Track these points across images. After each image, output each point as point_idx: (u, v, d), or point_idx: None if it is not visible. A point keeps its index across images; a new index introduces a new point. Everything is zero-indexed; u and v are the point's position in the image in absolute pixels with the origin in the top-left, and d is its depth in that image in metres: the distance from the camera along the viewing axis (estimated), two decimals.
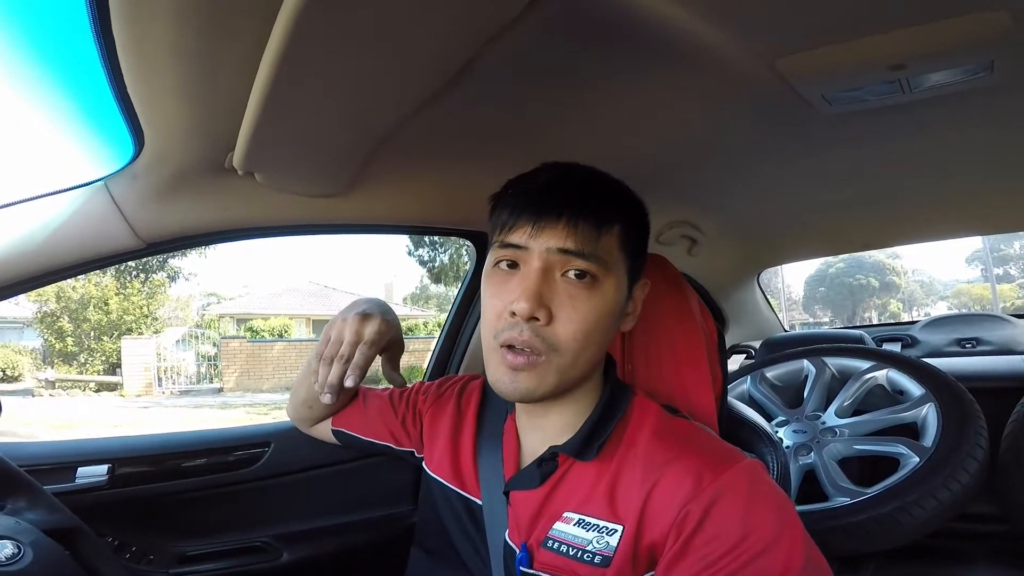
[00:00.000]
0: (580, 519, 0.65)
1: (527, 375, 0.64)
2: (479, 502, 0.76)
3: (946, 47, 0.79)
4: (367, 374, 0.81)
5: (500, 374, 0.66)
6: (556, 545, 0.65)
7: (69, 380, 11.93)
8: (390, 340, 0.83)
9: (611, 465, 0.66)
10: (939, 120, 1.07)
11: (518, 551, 0.67)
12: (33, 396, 10.87)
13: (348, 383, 0.77)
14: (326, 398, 0.78)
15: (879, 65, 0.83)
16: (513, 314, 0.63)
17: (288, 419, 1.06)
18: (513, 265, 0.66)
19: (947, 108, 1.00)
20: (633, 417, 0.70)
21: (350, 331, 0.79)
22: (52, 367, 12.39)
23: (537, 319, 0.62)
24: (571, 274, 0.63)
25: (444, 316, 1.66)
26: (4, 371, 11.63)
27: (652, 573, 0.61)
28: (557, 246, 0.63)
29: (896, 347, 2.10)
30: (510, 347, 0.64)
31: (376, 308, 0.84)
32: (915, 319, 2.41)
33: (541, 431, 0.73)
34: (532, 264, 0.64)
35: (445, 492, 0.81)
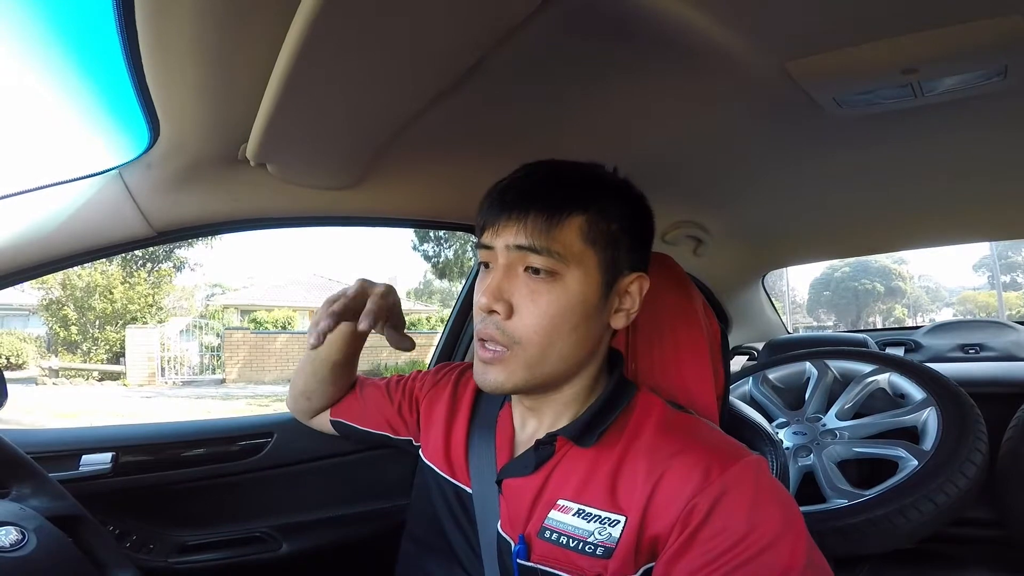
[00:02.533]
0: (579, 509, 0.65)
1: (495, 369, 0.66)
2: (469, 490, 0.76)
3: (959, 51, 0.79)
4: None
5: (476, 366, 0.69)
6: (555, 536, 0.65)
7: (72, 369, 11.98)
8: (392, 309, 0.84)
9: (612, 455, 0.66)
10: (950, 124, 1.07)
11: (514, 543, 0.67)
12: (36, 384, 10.92)
13: (362, 326, 0.77)
14: (318, 333, 0.76)
15: (891, 68, 0.84)
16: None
17: None
18: (488, 265, 0.69)
19: (959, 112, 1.00)
20: (637, 409, 0.70)
21: (354, 287, 0.82)
22: (56, 355, 12.44)
23: (497, 312, 0.65)
24: (530, 270, 0.65)
25: (447, 312, 1.67)
26: (9, 359, 11.69)
27: (652, 565, 0.61)
28: (513, 243, 0.65)
29: (899, 351, 2.10)
30: (482, 341, 0.67)
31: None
32: (919, 325, 2.40)
33: (538, 420, 0.74)
34: (498, 262, 0.66)
35: (437, 480, 0.81)
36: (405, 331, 0.89)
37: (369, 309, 0.78)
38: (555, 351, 0.66)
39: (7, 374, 0.86)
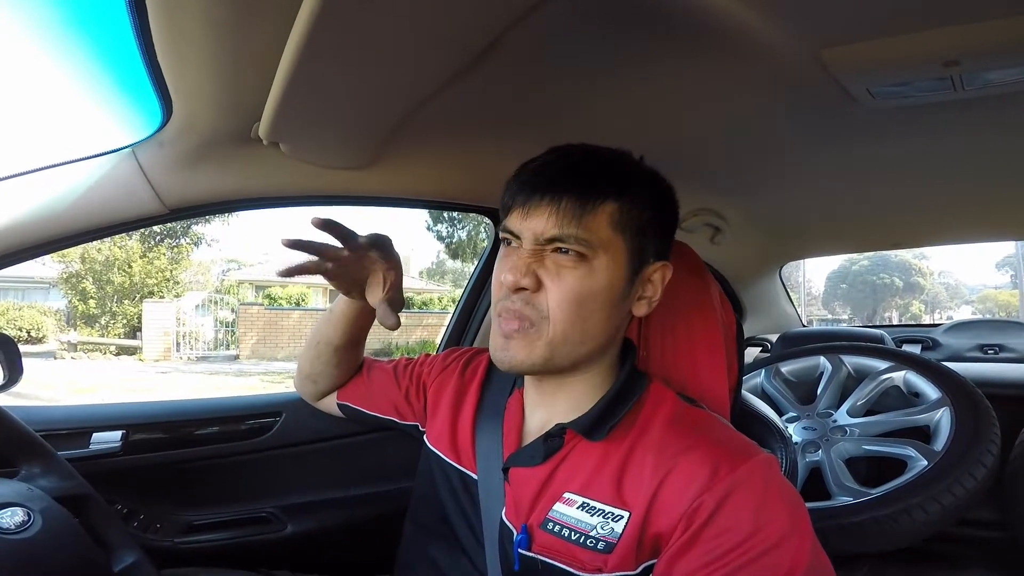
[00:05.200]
0: (584, 502, 0.64)
1: (517, 344, 0.65)
2: (474, 476, 0.76)
3: (1005, 46, 0.77)
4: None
5: (495, 341, 0.68)
6: (558, 528, 0.64)
7: (90, 343, 12.16)
8: (388, 272, 0.87)
9: (620, 449, 0.66)
10: (988, 119, 1.04)
11: (516, 533, 0.67)
12: (55, 358, 11.09)
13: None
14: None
15: (932, 61, 0.81)
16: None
17: None
18: (511, 243, 0.68)
19: (998, 108, 0.97)
20: (648, 402, 0.69)
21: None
22: (75, 329, 12.64)
23: (525, 288, 0.64)
24: (559, 249, 0.65)
25: (459, 292, 1.67)
26: (29, 332, 11.89)
27: (653, 561, 0.60)
28: (544, 235, 0.64)
29: (916, 349, 2.07)
30: (503, 316, 0.67)
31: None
32: (937, 322, 2.37)
33: (548, 408, 0.73)
34: (525, 246, 0.66)
35: (443, 466, 0.81)
36: (402, 280, 0.91)
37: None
38: (578, 331, 0.65)
39: (26, 348, 0.86)
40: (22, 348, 0.88)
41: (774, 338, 2.20)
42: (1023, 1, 0.69)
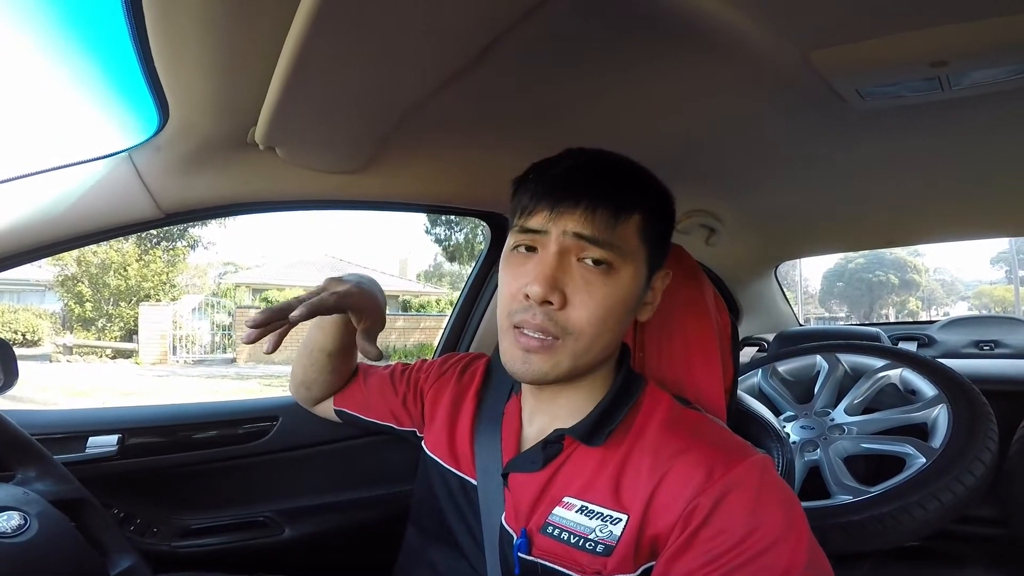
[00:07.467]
0: (583, 506, 0.65)
1: (540, 357, 0.64)
2: (474, 482, 0.76)
3: (993, 45, 0.77)
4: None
5: (512, 355, 0.66)
6: (557, 532, 0.65)
7: (87, 346, 12.11)
8: (363, 306, 0.83)
9: (618, 453, 0.66)
10: (977, 119, 1.05)
11: (516, 537, 0.67)
12: (51, 362, 11.03)
13: (293, 315, 0.74)
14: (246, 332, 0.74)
15: (919, 61, 0.81)
16: (527, 296, 0.63)
17: None
18: (531, 249, 0.66)
19: (986, 107, 0.98)
20: (644, 406, 0.70)
21: (319, 285, 0.82)
22: (71, 332, 12.59)
23: (551, 303, 0.62)
24: (587, 261, 0.63)
25: (457, 294, 1.66)
26: (25, 335, 11.82)
27: (652, 564, 0.61)
28: (574, 230, 0.63)
29: (912, 346, 2.08)
30: (519, 328, 0.65)
31: (354, 278, 0.85)
32: (933, 319, 2.37)
33: (547, 414, 0.73)
34: (549, 248, 0.64)
35: (441, 472, 0.81)
36: (384, 312, 0.88)
37: (311, 302, 0.75)
38: (600, 343, 0.66)
39: (21, 351, 0.86)
40: (17, 351, 0.88)
41: (771, 337, 2.21)
42: (1008, 2, 0.69)
